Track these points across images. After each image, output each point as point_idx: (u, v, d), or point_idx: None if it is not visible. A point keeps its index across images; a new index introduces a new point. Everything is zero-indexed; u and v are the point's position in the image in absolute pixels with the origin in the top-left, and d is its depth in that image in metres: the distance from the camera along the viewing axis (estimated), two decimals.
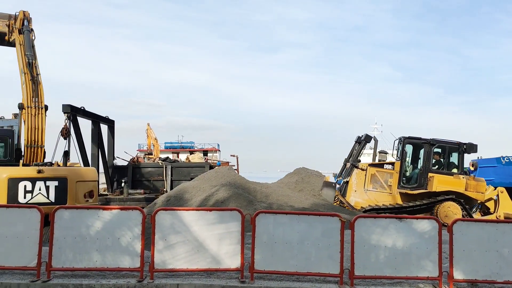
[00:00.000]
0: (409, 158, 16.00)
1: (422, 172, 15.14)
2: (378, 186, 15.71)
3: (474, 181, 15.19)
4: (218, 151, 42.72)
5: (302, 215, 6.87)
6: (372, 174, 15.67)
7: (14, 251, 6.54)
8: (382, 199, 15.34)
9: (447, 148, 15.55)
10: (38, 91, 11.92)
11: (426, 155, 15.24)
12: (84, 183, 9.81)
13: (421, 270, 6.57)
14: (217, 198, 10.57)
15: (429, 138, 15.40)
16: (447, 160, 15.64)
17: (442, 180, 14.84)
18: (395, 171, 15.57)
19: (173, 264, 6.64)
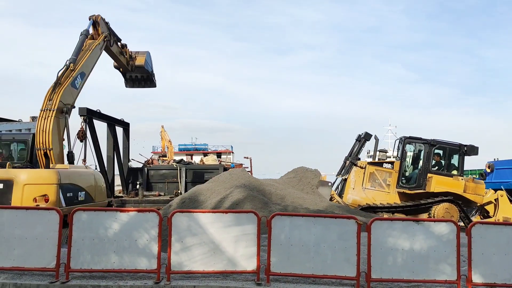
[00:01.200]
0: (410, 158, 15.91)
1: (422, 173, 15.06)
2: (376, 185, 15.64)
3: (473, 183, 15.07)
4: (231, 153, 42.79)
5: (318, 218, 6.85)
6: (371, 172, 15.62)
7: (34, 253, 6.64)
8: (380, 198, 15.28)
9: (448, 149, 15.44)
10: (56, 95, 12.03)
11: (426, 156, 15.15)
12: (35, 186, 9.04)
13: (439, 273, 6.49)
14: (232, 200, 10.59)
15: (429, 139, 15.32)
16: (447, 162, 15.53)
17: (441, 181, 14.76)
18: (394, 171, 15.51)
19: (190, 266, 6.68)
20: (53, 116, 11.55)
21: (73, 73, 12.80)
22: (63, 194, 9.29)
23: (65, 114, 12.14)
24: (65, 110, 12.09)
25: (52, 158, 11.56)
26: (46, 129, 11.48)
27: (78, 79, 13.07)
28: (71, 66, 12.78)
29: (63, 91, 12.21)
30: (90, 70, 14.06)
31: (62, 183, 9.28)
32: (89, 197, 10.26)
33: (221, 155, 40.08)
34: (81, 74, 13.26)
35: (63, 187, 9.32)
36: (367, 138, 16.40)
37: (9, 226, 6.66)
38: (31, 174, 9.20)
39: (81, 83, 13.29)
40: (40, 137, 11.41)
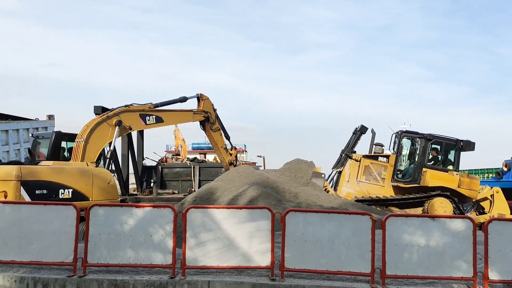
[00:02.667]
0: (406, 152, 15.83)
1: (417, 167, 14.98)
2: (371, 178, 15.58)
3: (468, 178, 15.00)
4: (245, 152, 42.89)
5: (332, 214, 6.85)
6: (366, 165, 15.56)
7: (51, 247, 6.76)
8: (374, 191, 15.22)
9: (444, 144, 15.33)
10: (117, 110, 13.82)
11: (422, 150, 15.04)
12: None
13: (455, 270, 6.44)
14: (247, 198, 10.62)
15: (426, 133, 15.22)
16: (443, 157, 15.41)
17: (435, 176, 14.69)
18: (389, 164, 15.43)
19: (204, 262, 6.73)
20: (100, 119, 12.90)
21: (147, 110, 14.43)
22: (28, 190, 9.02)
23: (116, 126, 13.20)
24: (116, 122, 13.08)
25: (81, 149, 12.27)
26: (89, 124, 12.83)
27: (152, 118, 14.66)
28: (149, 105, 14.53)
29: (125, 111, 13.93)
30: (170, 122, 16.26)
31: (27, 180, 9.01)
32: (79, 195, 9.90)
33: None
34: (157, 118, 14.82)
35: (29, 184, 9.05)
36: (362, 131, 16.36)
37: (27, 221, 6.79)
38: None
39: (154, 124, 14.85)
40: (81, 130, 12.73)
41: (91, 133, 12.97)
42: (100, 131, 13.26)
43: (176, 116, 16.18)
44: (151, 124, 15.16)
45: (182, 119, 16.72)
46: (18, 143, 17.50)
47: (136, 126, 14.79)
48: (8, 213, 6.81)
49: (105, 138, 13.39)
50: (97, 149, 13.18)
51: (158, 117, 15.16)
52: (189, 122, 17.18)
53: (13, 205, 7.07)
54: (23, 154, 17.63)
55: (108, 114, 13.66)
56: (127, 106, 14.31)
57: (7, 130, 16.90)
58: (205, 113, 17.01)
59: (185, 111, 16.29)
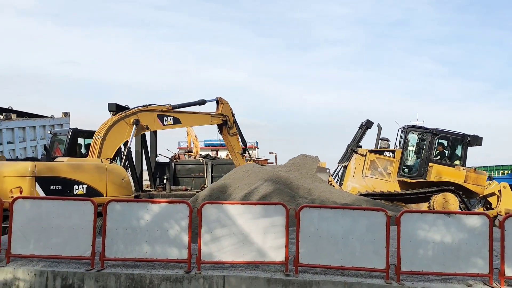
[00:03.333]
0: (413, 147, 15.71)
1: (423, 162, 14.85)
2: (376, 173, 15.48)
3: (475, 173, 14.85)
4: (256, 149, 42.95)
5: (347, 210, 6.86)
6: (371, 160, 15.48)
7: (70, 242, 6.90)
8: (379, 186, 15.12)
9: (451, 139, 15.19)
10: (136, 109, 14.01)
11: (428, 145, 14.92)
12: (12, 178, 9.10)
13: (470, 266, 6.42)
14: (260, 194, 10.67)
15: (432, 128, 15.08)
16: (450, 152, 15.26)
17: (441, 171, 14.56)
18: (395, 159, 15.33)
19: (219, 257, 6.80)
20: (118, 118, 13.01)
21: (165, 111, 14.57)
22: (42, 186, 9.16)
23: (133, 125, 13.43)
24: (133, 121, 13.26)
25: (98, 146, 12.49)
26: (107, 122, 13.09)
27: (169, 119, 14.80)
28: (167, 106, 14.65)
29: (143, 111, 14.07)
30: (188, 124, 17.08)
31: (41, 176, 9.17)
32: (93, 191, 10.00)
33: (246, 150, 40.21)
34: (175, 119, 14.99)
35: (44, 180, 9.19)
36: (368, 126, 16.27)
37: (46, 216, 6.93)
38: (9, 166, 9.31)
39: (172, 125, 15.04)
40: (99, 128, 12.96)
41: (109, 131, 13.15)
42: (118, 129, 13.42)
43: (194, 118, 16.30)
44: (169, 125, 15.29)
45: (200, 121, 16.80)
46: (34, 140, 17.79)
47: (153, 126, 14.92)
48: (28, 209, 6.96)
49: (122, 136, 13.56)
50: (114, 147, 13.36)
51: (175, 118, 15.28)
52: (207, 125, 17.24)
53: (33, 200, 7.23)
54: (39, 150, 17.93)
55: (126, 113, 13.82)
56: (146, 106, 14.46)
57: (24, 127, 17.19)
58: (223, 116, 17.10)
59: (203, 114, 16.38)
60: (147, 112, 14.39)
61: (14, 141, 16.51)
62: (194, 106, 15.91)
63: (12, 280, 6.65)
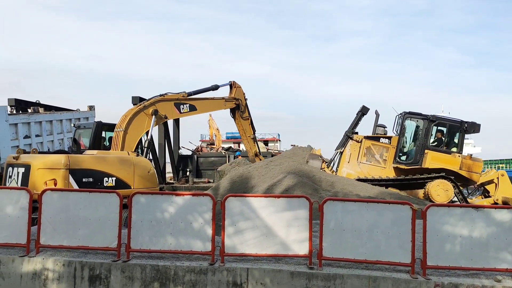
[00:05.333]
0: (411, 134, 15.43)
1: (419, 148, 14.62)
2: (372, 159, 15.28)
3: (471, 161, 14.60)
4: (278, 141, 42.87)
5: (371, 203, 6.77)
6: (367, 147, 15.28)
7: (97, 233, 7.03)
8: (375, 173, 14.93)
9: (448, 126, 14.90)
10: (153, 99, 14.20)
11: (425, 132, 14.64)
12: (46, 170, 9.28)
13: (499, 261, 6.28)
14: (283, 187, 10.66)
15: (429, 114, 14.78)
16: (447, 139, 14.95)
17: (436, 157, 14.35)
18: (391, 146, 15.08)
19: (243, 249, 6.82)
20: (138, 109, 13.26)
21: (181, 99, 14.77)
22: (76, 178, 9.37)
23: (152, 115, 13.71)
24: (152, 112, 13.63)
25: (121, 139, 12.73)
26: (127, 114, 13.30)
27: (186, 107, 15.45)
28: (183, 94, 14.99)
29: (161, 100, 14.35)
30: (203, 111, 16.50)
31: (74, 168, 9.38)
32: (122, 183, 10.18)
33: (268, 142, 40.26)
34: (191, 106, 15.39)
35: (76, 172, 9.40)
36: (364, 112, 16.05)
37: (74, 208, 7.08)
38: (43, 159, 9.55)
39: (188, 112, 15.66)
40: (120, 120, 13.33)
41: (130, 123, 13.39)
42: (138, 120, 13.65)
43: (208, 104, 16.52)
44: (185, 113, 15.49)
45: (214, 106, 17.04)
46: (61, 133, 18.18)
47: (171, 115, 15.10)
48: (56, 200, 7.12)
49: (142, 128, 13.78)
50: (135, 138, 13.59)
51: (191, 106, 15.45)
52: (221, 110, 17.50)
53: (61, 192, 7.38)
54: (66, 143, 18.32)
55: (145, 104, 14.02)
56: (162, 96, 14.63)
57: (51, 121, 17.57)
58: (236, 100, 17.22)
59: (217, 99, 16.67)
60: (164, 102, 14.54)
61: (42, 134, 16.91)
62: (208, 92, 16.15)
63: (42, 270, 6.84)
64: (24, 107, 17.46)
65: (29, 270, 6.86)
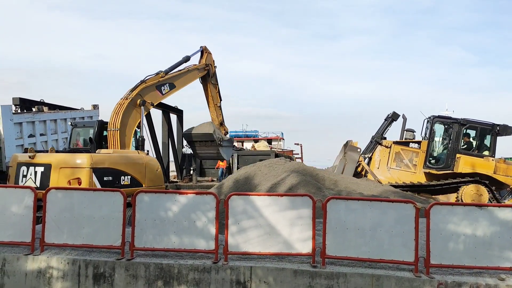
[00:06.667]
0: (440, 138, 15.31)
1: (450, 153, 14.47)
2: (402, 165, 15.24)
3: (505, 164, 14.44)
4: (282, 140, 42.85)
5: (375, 202, 6.78)
6: (396, 152, 15.23)
7: (101, 231, 7.07)
8: (405, 178, 14.83)
9: (479, 129, 14.69)
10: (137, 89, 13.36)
11: (456, 136, 14.49)
12: (69, 169, 9.34)
13: (503, 260, 6.26)
14: (286, 185, 10.67)
15: (459, 118, 14.63)
16: (478, 142, 14.77)
17: (469, 162, 14.17)
18: (421, 150, 14.99)
19: (246, 248, 6.83)
20: (127, 103, 13.01)
21: (160, 79, 14.47)
22: (98, 177, 9.43)
23: (141, 107, 13.43)
24: (140, 102, 13.34)
25: (118, 138, 12.60)
26: (118, 112, 12.85)
27: (166, 87, 14.94)
28: (161, 74, 14.37)
29: (144, 87, 13.88)
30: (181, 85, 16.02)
31: (97, 167, 9.42)
32: (136, 181, 10.29)
33: (271, 141, 40.26)
34: (170, 84, 15.14)
35: (98, 171, 9.46)
36: (394, 118, 16.01)
37: (78, 207, 7.11)
38: (66, 158, 9.59)
39: (169, 91, 15.25)
40: (112, 119, 12.86)
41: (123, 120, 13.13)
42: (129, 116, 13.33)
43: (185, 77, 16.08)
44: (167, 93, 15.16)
45: (190, 79, 16.62)
46: (65, 132, 18.24)
47: (155, 99, 14.65)
48: (60, 199, 7.16)
49: (134, 122, 13.60)
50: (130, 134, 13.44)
51: (171, 84, 15.16)
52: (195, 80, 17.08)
53: (65, 191, 7.42)
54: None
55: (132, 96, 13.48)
56: (143, 82, 14.13)
57: (56, 120, 17.64)
58: (207, 66, 17.13)
59: (191, 70, 16.33)
60: (147, 87, 14.22)
61: (47, 133, 16.98)
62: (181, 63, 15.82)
63: (46, 268, 6.88)
64: (28, 106, 17.53)
65: (33, 269, 6.91)
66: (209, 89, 17.83)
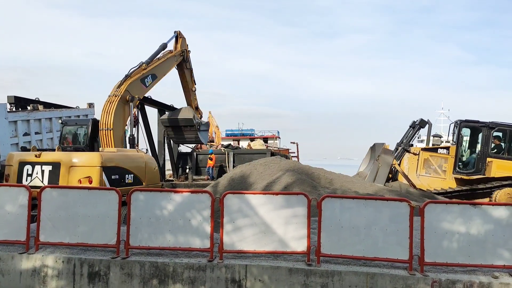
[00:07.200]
0: (466, 143, 15.26)
1: (480, 157, 14.40)
2: (431, 171, 15.19)
3: None
4: (278, 138, 42.87)
5: (369, 200, 6.80)
6: (425, 158, 15.16)
7: (96, 230, 7.06)
8: (435, 185, 14.78)
9: (508, 132, 14.61)
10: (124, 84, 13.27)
11: (485, 139, 14.43)
12: (80, 168, 9.35)
13: (496, 258, 6.30)
14: (282, 184, 10.68)
15: (488, 121, 14.56)
16: (508, 145, 14.71)
17: (502, 165, 14.14)
18: (450, 156, 14.92)
19: (241, 246, 6.84)
20: (117, 101, 12.77)
21: (144, 71, 14.24)
22: (107, 176, 9.47)
23: (129, 103, 13.27)
24: (129, 98, 13.18)
25: (111, 138, 12.51)
26: (110, 111, 12.64)
27: (149, 78, 14.64)
28: (143, 66, 14.25)
29: (130, 82, 13.51)
30: (162, 75, 15.81)
31: (106, 166, 9.46)
32: (138, 180, 10.33)
33: (267, 140, 40.28)
34: (152, 75, 14.79)
35: (107, 169, 9.50)
36: (422, 125, 15.89)
37: (74, 205, 7.10)
38: (76, 156, 9.58)
39: (152, 83, 14.92)
40: (103, 118, 12.58)
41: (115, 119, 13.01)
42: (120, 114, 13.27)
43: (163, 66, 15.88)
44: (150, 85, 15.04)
45: (169, 66, 16.49)
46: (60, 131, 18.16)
47: (141, 93, 14.57)
48: (55, 198, 7.15)
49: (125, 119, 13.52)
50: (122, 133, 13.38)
51: (153, 75, 15.02)
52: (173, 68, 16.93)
53: (60, 189, 7.41)
54: None
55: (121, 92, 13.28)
56: (129, 76, 13.95)
57: (51, 118, 17.57)
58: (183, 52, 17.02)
59: (169, 58, 16.15)
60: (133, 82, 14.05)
61: (42, 132, 16.92)
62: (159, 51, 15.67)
63: (41, 267, 6.87)
64: (23, 105, 17.45)
65: (28, 267, 6.89)
66: (185, 74, 17.63)
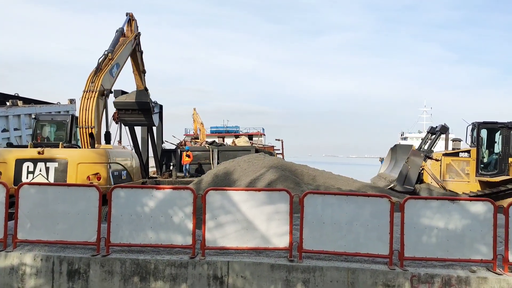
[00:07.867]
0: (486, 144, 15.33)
1: (502, 158, 14.45)
2: (454, 176, 15.20)
3: None
4: (263, 135, 42.90)
5: (351, 196, 6.84)
6: (447, 163, 15.17)
7: (76, 227, 6.95)
8: (460, 189, 14.75)
9: None
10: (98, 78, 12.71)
11: (505, 140, 14.50)
12: (88, 165, 9.34)
13: (474, 252, 6.41)
14: (265, 181, 10.69)
15: (506, 122, 14.65)
16: None
17: None
18: (471, 159, 14.94)
19: (223, 243, 6.83)
20: (95, 97, 12.30)
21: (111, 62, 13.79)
22: (111, 172, 9.56)
23: (104, 97, 12.90)
24: (105, 93, 12.82)
25: (93, 136, 12.26)
26: (89, 108, 12.14)
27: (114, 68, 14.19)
28: (109, 56, 13.78)
29: (103, 76, 12.99)
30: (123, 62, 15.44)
31: (110, 162, 9.55)
32: (129, 176, 10.49)
33: (252, 137, 40.28)
34: (117, 64, 14.39)
35: (111, 166, 9.61)
36: (442, 131, 15.91)
37: (53, 202, 6.98)
38: (84, 153, 9.56)
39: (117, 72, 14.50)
40: (83, 116, 12.08)
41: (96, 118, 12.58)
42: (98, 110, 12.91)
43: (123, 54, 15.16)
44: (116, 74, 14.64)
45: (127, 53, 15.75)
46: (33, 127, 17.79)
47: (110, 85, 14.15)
48: (33, 195, 7.02)
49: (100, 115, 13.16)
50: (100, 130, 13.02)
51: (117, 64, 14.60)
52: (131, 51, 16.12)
53: (38, 186, 7.28)
54: None
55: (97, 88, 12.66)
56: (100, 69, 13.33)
57: (30, 114, 17.24)
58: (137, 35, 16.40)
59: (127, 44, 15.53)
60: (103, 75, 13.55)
61: (21, 128, 16.60)
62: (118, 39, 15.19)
63: (19, 265, 6.74)
64: (2, 100, 17.10)
65: (6, 266, 6.76)
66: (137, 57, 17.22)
